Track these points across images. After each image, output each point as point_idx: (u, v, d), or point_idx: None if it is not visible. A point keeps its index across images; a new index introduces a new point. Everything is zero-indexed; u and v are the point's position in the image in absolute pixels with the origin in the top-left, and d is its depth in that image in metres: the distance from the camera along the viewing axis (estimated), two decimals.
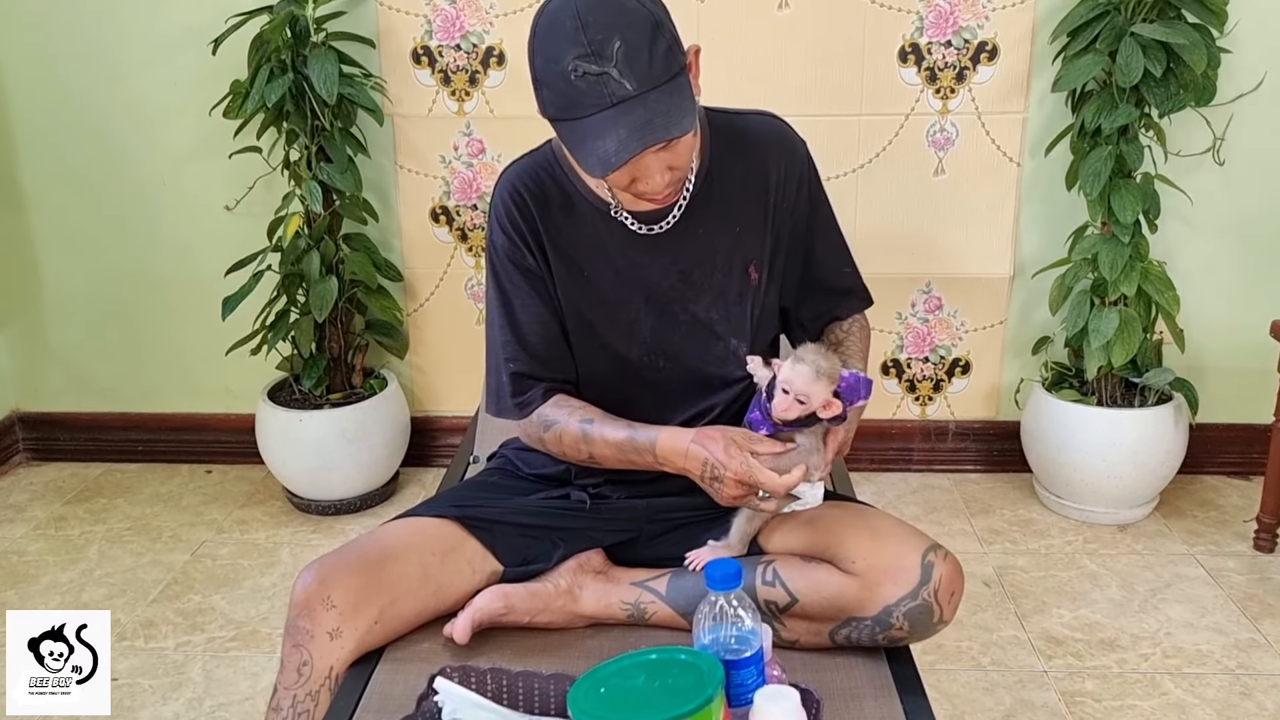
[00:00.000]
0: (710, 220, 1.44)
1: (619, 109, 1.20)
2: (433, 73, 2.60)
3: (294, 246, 2.51)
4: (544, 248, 1.44)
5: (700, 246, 1.44)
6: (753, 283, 1.46)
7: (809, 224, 1.50)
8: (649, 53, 1.20)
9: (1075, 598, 2.23)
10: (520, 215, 1.43)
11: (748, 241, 1.45)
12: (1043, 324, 2.66)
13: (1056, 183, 2.55)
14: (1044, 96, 2.52)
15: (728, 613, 1.05)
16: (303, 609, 1.34)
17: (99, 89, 2.68)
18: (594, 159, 1.22)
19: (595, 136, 1.21)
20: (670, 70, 1.22)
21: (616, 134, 1.20)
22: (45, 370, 2.95)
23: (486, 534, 1.46)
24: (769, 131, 1.48)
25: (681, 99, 1.23)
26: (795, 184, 1.47)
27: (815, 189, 1.50)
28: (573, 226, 1.43)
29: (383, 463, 2.66)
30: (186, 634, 2.17)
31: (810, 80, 2.53)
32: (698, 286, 1.45)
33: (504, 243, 1.44)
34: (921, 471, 2.80)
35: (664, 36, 1.22)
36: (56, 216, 2.80)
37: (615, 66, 1.19)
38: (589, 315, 1.45)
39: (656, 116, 1.21)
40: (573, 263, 1.44)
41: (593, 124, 1.21)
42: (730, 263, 1.45)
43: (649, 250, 1.43)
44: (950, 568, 1.32)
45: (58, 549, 2.52)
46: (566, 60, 1.19)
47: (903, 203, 2.60)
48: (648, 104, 1.20)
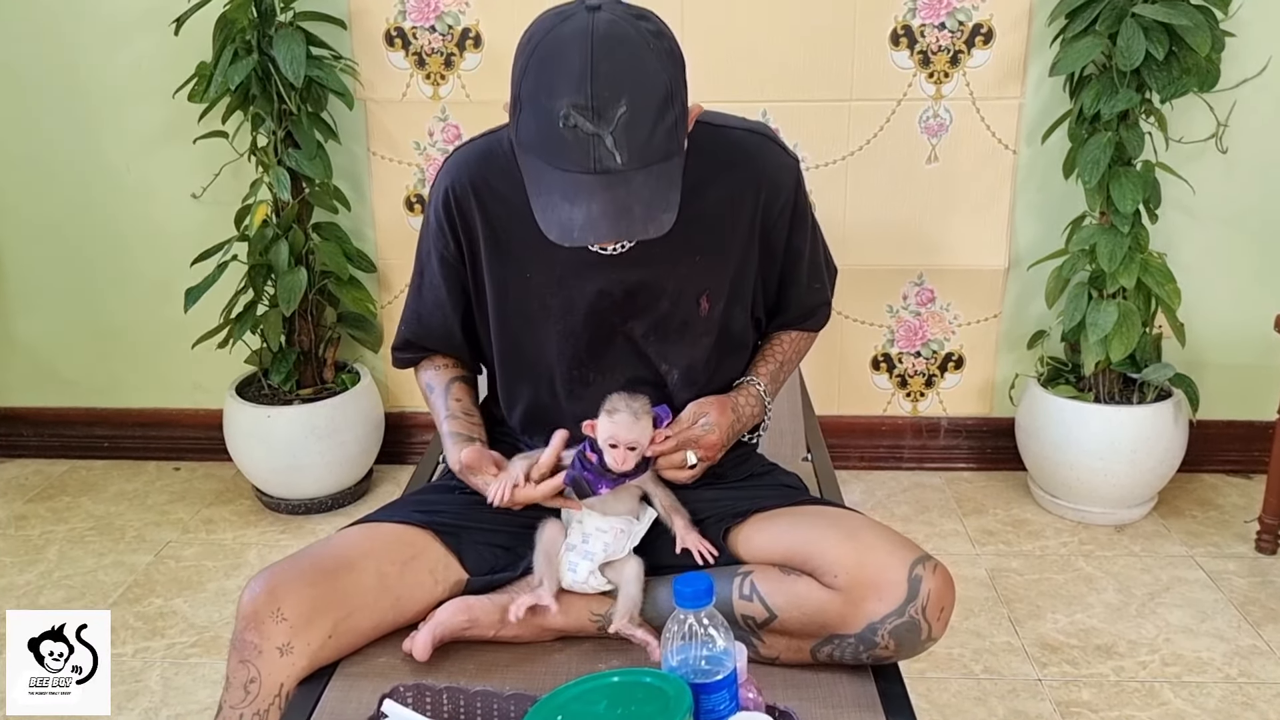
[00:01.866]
0: (670, 246, 1.29)
1: (599, 179, 1.09)
2: (406, 55, 2.51)
3: (261, 236, 2.41)
4: (476, 247, 1.36)
5: (652, 271, 1.34)
6: (701, 313, 1.37)
7: (789, 244, 1.42)
8: (652, 127, 1.10)
9: (1071, 602, 2.15)
10: (458, 209, 1.35)
11: (706, 272, 1.36)
12: (1038, 317, 2.57)
13: (1054, 171, 2.46)
14: (1041, 81, 2.43)
15: (698, 632, 0.96)
16: (250, 622, 1.25)
17: (58, 72, 2.58)
18: (553, 220, 1.11)
19: (564, 197, 1.10)
20: (668, 150, 1.13)
21: (588, 208, 1.09)
22: (8, 363, 2.85)
23: (453, 539, 1.38)
24: (755, 153, 1.36)
25: (669, 185, 1.13)
26: (778, 209, 1.38)
27: (800, 210, 1.41)
28: (520, 224, 1.32)
29: (355, 460, 2.57)
30: (145, 639, 2.08)
31: (798, 64, 2.44)
32: (639, 308, 1.36)
33: (435, 228, 1.38)
34: (913, 470, 2.72)
35: (673, 110, 1.12)
36: (17, 204, 2.70)
37: (612, 133, 1.08)
38: (524, 316, 1.38)
39: (637, 205, 1.10)
40: (513, 261, 1.36)
41: (565, 181, 1.10)
42: (680, 291, 1.36)
43: (597, 264, 1.33)
44: (939, 581, 1.23)
45: (16, 549, 2.42)
46: (561, 103, 1.08)
47: (894, 192, 2.51)
48: (632, 185, 1.10)
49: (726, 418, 1.37)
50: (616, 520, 1.34)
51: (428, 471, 1.81)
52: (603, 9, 1.12)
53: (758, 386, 1.45)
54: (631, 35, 1.11)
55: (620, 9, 1.13)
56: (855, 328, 2.63)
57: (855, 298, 2.60)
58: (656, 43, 1.13)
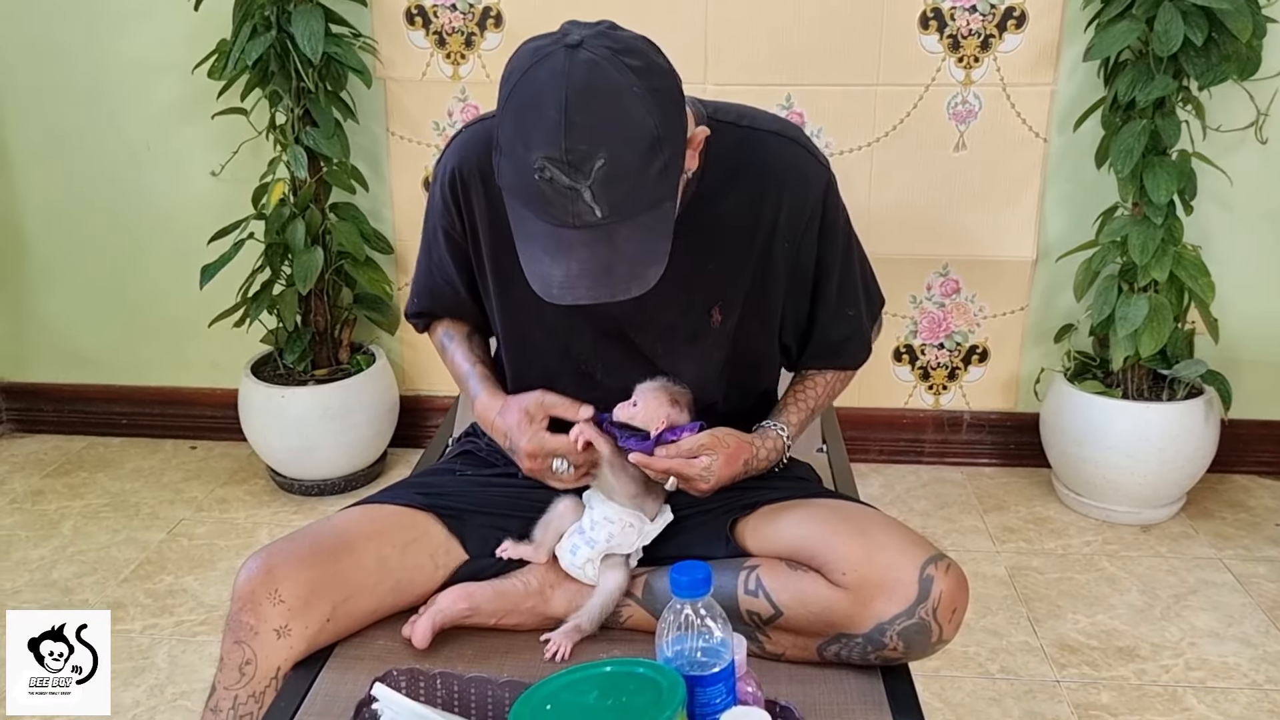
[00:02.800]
0: (683, 254, 1.22)
1: (580, 234, 1.04)
2: (427, 34, 2.48)
3: (278, 215, 2.39)
4: (478, 233, 1.32)
5: (664, 279, 1.24)
6: (714, 324, 1.31)
7: (817, 264, 1.32)
8: (636, 177, 1.03)
9: (1093, 602, 2.09)
10: (463, 191, 1.30)
11: (720, 282, 1.29)
12: (1067, 311, 2.51)
13: (1086, 160, 2.40)
14: (1075, 67, 2.36)
15: (694, 623, 0.93)
16: (246, 602, 1.22)
17: (82, 47, 2.57)
18: (535, 271, 1.07)
19: (544, 250, 1.06)
20: (656, 197, 1.06)
21: (567, 266, 1.04)
22: (30, 339, 2.86)
23: (455, 522, 1.35)
24: (781, 159, 1.27)
25: (658, 235, 1.07)
26: (804, 222, 1.28)
27: (830, 227, 1.31)
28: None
29: (368, 442, 2.55)
30: (155, 616, 2.08)
31: (823, 47, 2.38)
32: (648, 317, 1.29)
33: (440, 205, 1.34)
34: (933, 464, 2.66)
35: (662, 154, 1.04)
36: (39, 181, 2.70)
37: (590, 187, 1.01)
38: (528, 309, 1.30)
39: (620, 263, 1.05)
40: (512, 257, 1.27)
41: (546, 233, 1.05)
42: (691, 302, 1.29)
43: None
44: (952, 582, 1.19)
45: (32, 524, 2.43)
46: (535, 154, 1.01)
47: (920, 180, 2.46)
48: (615, 240, 1.04)
49: (730, 471, 1.26)
50: (626, 513, 1.29)
51: (437, 453, 1.79)
52: (583, 46, 1.03)
53: (784, 438, 1.35)
54: (612, 78, 1.02)
55: (603, 45, 1.04)
56: None
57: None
58: (642, 83, 1.03)
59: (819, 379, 1.42)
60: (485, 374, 1.41)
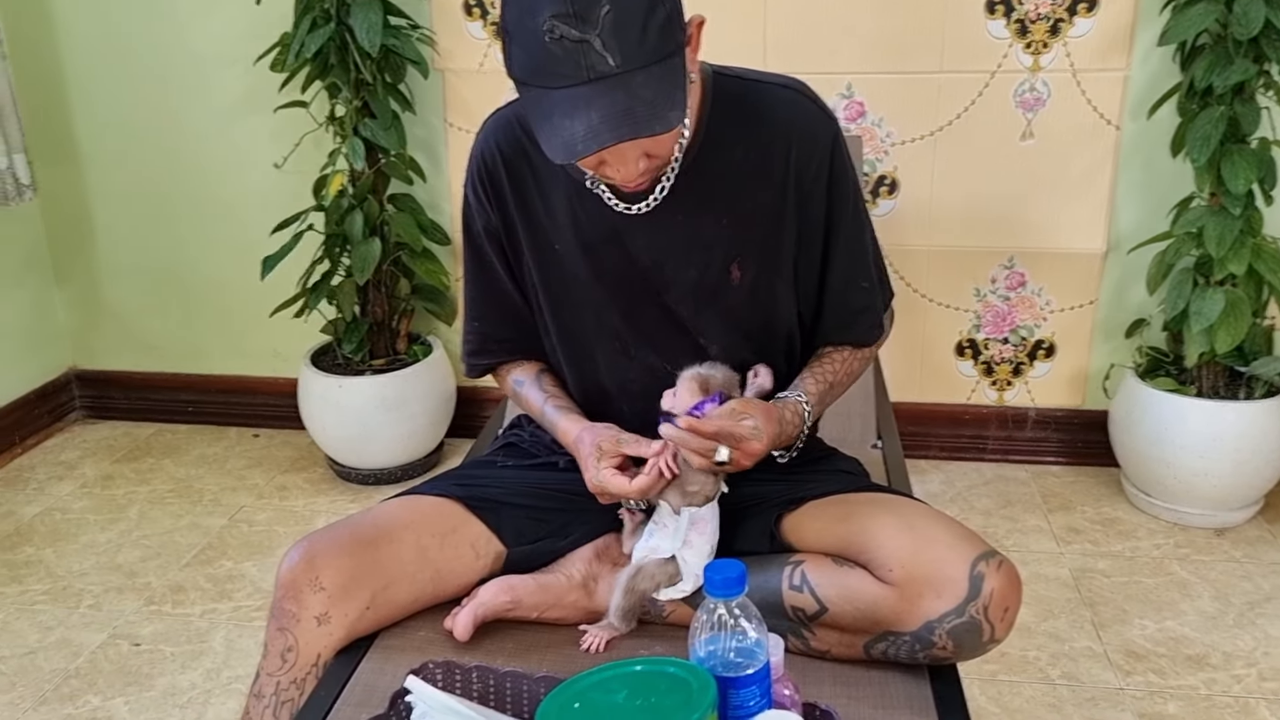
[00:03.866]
0: (695, 207, 1.25)
1: (596, 87, 1.02)
2: (485, 25, 2.48)
3: (337, 206, 2.41)
4: (510, 215, 1.31)
5: (678, 236, 1.26)
6: (733, 281, 1.28)
7: (827, 221, 1.30)
8: (642, 25, 1.02)
9: (1161, 608, 2.02)
10: (489, 177, 1.31)
11: (735, 236, 1.27)
12: (1138, 305, 2.42)
13: (1160, 148, 2.31)
14: (1149, 51, 2.27)
15: (728, 622, 0.90)
16: (289, 590, 1.24)
17: (151, 39, 2.63)
18: (557, 141, 1.05)
19: (563, 114, 1.04)
20: (664, 49, 1.05)
21: (588, 117, 1.03)
22: (101, 328, 2.93)
23: (491, 515, 1.35)
24: (787, 108, 1.26)
25: (672, 85, 1.06)
26: (813, 173, 1.26)
27: (839, 180, 1.29)
28: (546, 195, 1.29)
29: (425, 432, 2.56)
30: (214, 601, 2.11)
31: (884, 34, 2.33)
32: (667, 279, 1.28)
33: (475, 202, 1.33)
34: (997, 462, 2.59)
35: (663, 6, 1.04)
36: (111, 169, 2.77)
37: (599, 35, 1.01)
38: (558, 291, 1.33)
39: (639, 105, 1.03)
40: (542, 233, 1.31)
41: (562, 99, 1.04)
42: (709, 258, 1.27)
43: (623, 231, 1.27)
44: (1004, 580, 1.15)
45: (100, 508, 2.49)
46: (543, 15, 1.02)
47: (985, 170, 2.39)
48: (631, 87, 1.03)
49: (772, 427, 1.22)
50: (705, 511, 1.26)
51: (486, 444, 1.78)
52: None
53: (804, 406, 1.31)
54: None
55: None
56: (939, 311, 2.51)
57: (940, 280, 2.49)
58: None
59: (835, 355, 1.38)
60: (560, 404, 1.37)
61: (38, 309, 2.86)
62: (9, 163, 2.47)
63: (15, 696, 1.84)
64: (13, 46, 2.68)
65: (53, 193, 2.80)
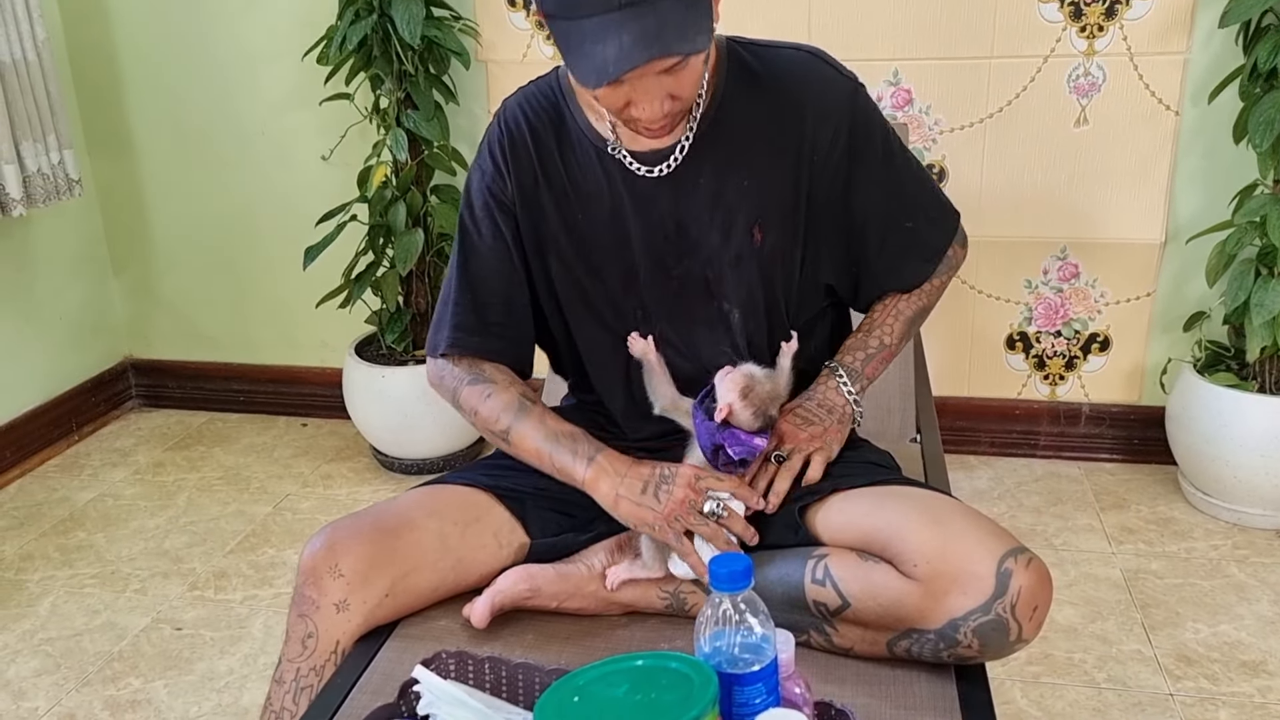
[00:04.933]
0: (715, 168, 1.27)
1: (625, 12, 1.03)
2: (527, 16, 2.47)
3: (380, 197, 2.43)
4: (528, 186, 1.30)
5: (699, 197, 1.27)
6: (755, 244, 1.28)
7: (849, 180, 1.29)
8: None
9: (1216, 611, 1.94)
10: (515, 145, 1.30)
11: (756, 197, 1.27)
12: (1198, 297, 2.34)
13: (1222, 134, 2.22)
14: (1210, 33, 2.19)
15: (733, 618, 0.88)
16: (310, 577, 1.24)
17: (203, 35, 2.67)
18: (589, 67, 1.06)
19: (594, 41, 1.05)
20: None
21: (619, 40, 1.04)
22: (156, 318, 2.99)
23: (516, 504, 1.34)
24: (801, 69, 1.27)
25: (698, 14, 1.07)
26: (829, 139, 1.26)
27: (863, 135, 1.28)
28: (570, 163, 1.29)
29: (467, 423, 2.56)
30: (255, 587, 2.14)
31: (933, 18, 2.27)
32: (693, 241, 1.28)
33: (490, 171, 1.32)
34: (1048, 458, 2.52)
35: None
36: (164, 162, 2.82)
37: None
38: (582, 262, 1.31)
39: (668, 28, 1.04)
40: (566, 201, 1.30)
41: (593, 27, 1.05)
42: (731, 220, 1.27)
43: (646, 196, 1.27)
44: (1033, 577, 1.10)
45: (151, 494, 2.54)
46: None
47: (1037, 157, 2.32)
48: (659, 11, 1.04)
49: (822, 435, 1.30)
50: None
51: None
52: None
53: (838, 376, 1.33)
54: None
55: None
56: (989, 304, 2.45)
57: (990, 271, 2.42)
58: None
59: (879, 309, 1.38)
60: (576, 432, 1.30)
61: (96, 299, 2.93)
62: (60, 158, 2.53)
63: (60, 678, 1.88)
64: (70, 44, 2.74)
65: (109, 185, 2.86)
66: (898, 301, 1.39)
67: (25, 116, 2.43)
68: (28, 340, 2.72)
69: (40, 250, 2.73)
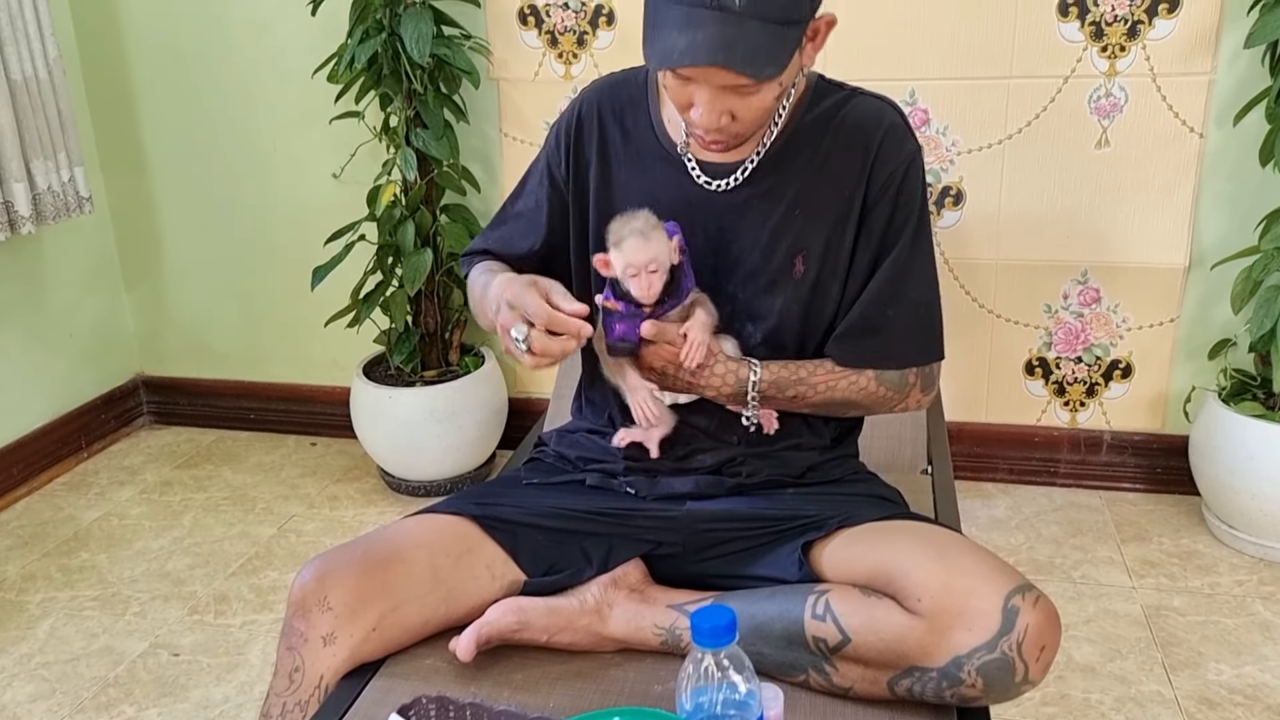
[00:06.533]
0: (772, 194, 1.28)
1: (714, 14, 1.07)
2: (539, 34, 2.45)
3: (389, 216, 2.41)
4: (583, 174, 1.34)
5: (750, 217, 1.28)
6: (796, 275, 1.28)
7: (883, 236, 1.28)
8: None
9: (1241, 651, 1.87)
10: (580, 132, 1.35)
11: (805, 230, 1.28)
12: (1223, 324, 2.27)
13: (1248, 157, 2.16)
14: (1236, 54, 2.13)
15: (715, 674, 0.84)
16: (298, 609, 1.21)
17: (216, 53, 2.66)
18: (660, 48, 1.10)
19: (674, 27, 1.09)
20: (788, 14, 1.10)
21: (693, 35, 1.07)
22: (167, 334, 2.98)
23: (508, 537, 1.30)
24: (876, 117, 1.28)
25: (779, 47, 1.10)
26: (882, 182, 1.26)
27: (904, 199, 1.28)
28: (634, 158, 1.33)
29: (475, 444, 2.54)
30: (255, 612, 2.11)
31: (951, 37, 2.23)
32: (732, 259, 1.29)
33: (554, 146, 1.38)
34: (1068, 487, 2.46)
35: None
36: (177, 178, 2.81)
37: None
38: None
39: (742, 45, 1.07)
40: (613, 196, 1.33)
41: (680, 14, 1.08)
42: (775, 246, 1.28)
43: (698, 204, 1.29)
44: (1040, 616, 1.06)
45: (157, 514, 2.52)
46: None
47: (1057, 179, 2.27)
48: (744, 29, 1.07)
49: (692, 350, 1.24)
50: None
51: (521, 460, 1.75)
52: None
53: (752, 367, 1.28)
54: None
55: None
56: (1007, 328, 2.39)
57: (1008, 295, 2.37)
58: None
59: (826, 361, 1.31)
60: (505, 267, 1.38)
61: (108, 315, 2.92)
62: (70, 175, 2.52)
63: (54, 704, 1.86)
64: (85, 61, 2.75)
65: (122, 202, 2.86)
66: (834, 373, 1.30)
67: (36, 134, 2.42)
68: (38, 357, 2.71)
69: (52, 267, 2.73)
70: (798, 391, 1.30)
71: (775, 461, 1.34)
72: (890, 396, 1.33)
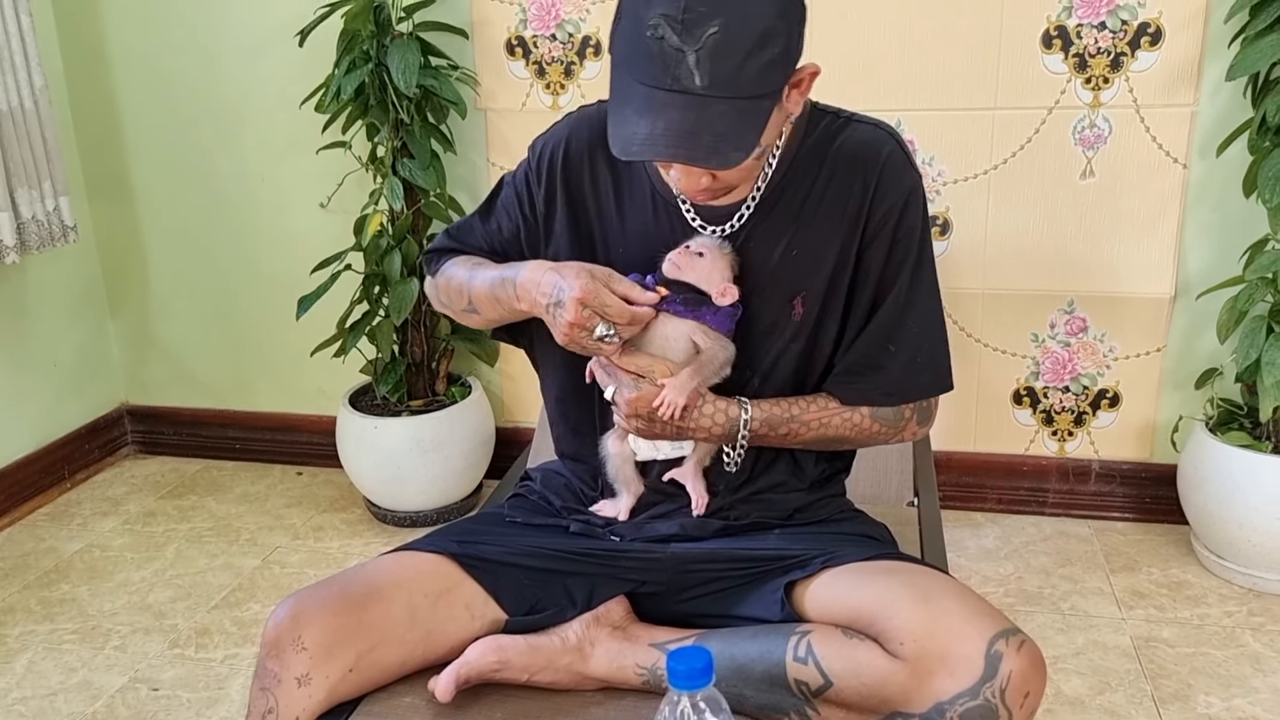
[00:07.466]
0: (768, 237, 1.25)
1: (674, 99, 1.03)
2: (527, 64, 2.45)
3: (375, 246, 2.40)
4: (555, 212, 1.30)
5: (749, 263, 1.24)
6: (794, 317, 1.25)
7: (884, 270, 1.25)
8: (744, 58, 1.03)
9: (1231, 683, 1.86)
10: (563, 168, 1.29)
11: (804, 271, 1.24)
12: (1209, 353, 2.28)
13: (1231, 188, 2.17)
14: (1218, 86, 2.14)
15: (691, 717, 0.83)
16: (272, 649, 1.19)
17: (203, 82, 2.66)
18: (619, 134, 1.06)
19: (635, 110, 1.04)
20: (758, 88, 1.05)
21: (653, 124, 1.03)
22: (152, 363, 2.97)
23: (488, 576, 1.28)
24: (874, 145, 1.24)
25: (748, 126, 1.05)
26: (881, 217, 1.23)
27: (905, 230, 1.24)
28: (623, 197, 1.28)
29: (462, 475, 2.52)
30: (237, 645, 2.09)
31: (936, 68, 2.24)
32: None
33: (530, 179, 1.33)
34: (1057, 516, 2.45)
35: (772, 48, 1.04)
36: (163, 207, 2.81)
37: (697, 52, 1.02)
38: None
39: (706, 133, 1.02)
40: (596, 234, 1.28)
41: (641, 95, 1.05)
42: (773, 290, 1.25)
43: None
44: (1025, 661, 1.05)
45: (139, 545, 2.50)
46: (654, 12, 1.03)
47: (1043, 209, 2.28)
48: (707, 113, 1.02)
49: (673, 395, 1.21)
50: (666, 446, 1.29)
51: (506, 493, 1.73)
52: None
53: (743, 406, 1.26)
54: None
55: None
56: (995, 357, 2.39)
57: (995, 325, 2.37)
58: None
59: (819, 397, 1.29)
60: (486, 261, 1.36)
61: (93, 344, 2.91)
62: (55, 204, 2.52)
63: None
64: (71, 90, 2.75)
65: (109, 231, 2.85)
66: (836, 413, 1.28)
67: (21, 163, 2.42)
68: (22, 386, 2.69)
69: (36, 296, 2.71)
70: (790, 429, 1.27)
71: (761, 504, 1.32)
72: (884, 431, 1.31)
